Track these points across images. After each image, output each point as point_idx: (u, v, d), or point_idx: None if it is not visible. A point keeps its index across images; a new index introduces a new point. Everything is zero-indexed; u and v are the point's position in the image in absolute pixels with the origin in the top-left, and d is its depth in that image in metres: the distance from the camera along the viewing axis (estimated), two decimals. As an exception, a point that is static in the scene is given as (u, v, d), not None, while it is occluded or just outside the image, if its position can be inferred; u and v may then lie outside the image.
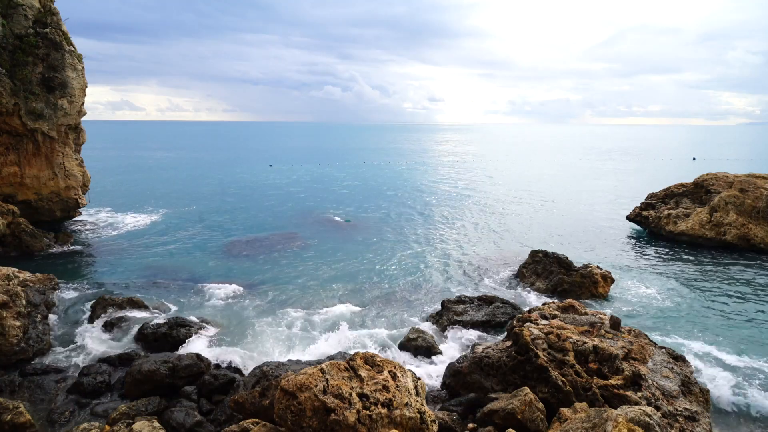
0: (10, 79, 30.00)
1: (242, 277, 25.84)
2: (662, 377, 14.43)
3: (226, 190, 56.54)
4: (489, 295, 21.74)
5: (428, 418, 11.13)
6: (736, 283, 25.74)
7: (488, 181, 69.15)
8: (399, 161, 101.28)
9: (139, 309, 20.44)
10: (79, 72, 33.47)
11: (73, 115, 33.68)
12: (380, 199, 51.60)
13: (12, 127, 31.22)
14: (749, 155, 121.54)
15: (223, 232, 35.97)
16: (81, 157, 37.80)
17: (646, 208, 40.09)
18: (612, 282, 23.42)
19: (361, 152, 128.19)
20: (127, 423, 12.57)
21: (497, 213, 44.69)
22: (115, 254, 29.90)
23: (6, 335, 16.86)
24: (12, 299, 17.97)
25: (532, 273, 24.90)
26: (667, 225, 35.33)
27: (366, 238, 34.57)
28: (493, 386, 14.71)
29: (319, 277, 26.16)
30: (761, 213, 30.86)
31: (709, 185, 36.90)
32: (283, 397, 10.71)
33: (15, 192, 32.43)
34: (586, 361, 14.30)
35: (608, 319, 16.69)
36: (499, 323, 19.62)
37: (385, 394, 10.89)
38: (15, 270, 19.90)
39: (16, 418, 12.91)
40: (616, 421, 9.94)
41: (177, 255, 29.88)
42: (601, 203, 50.22)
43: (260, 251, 30.97)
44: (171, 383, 14.99)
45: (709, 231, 32.35)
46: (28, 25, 31.16)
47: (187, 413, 13.34)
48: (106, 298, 20.43)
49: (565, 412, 12.22)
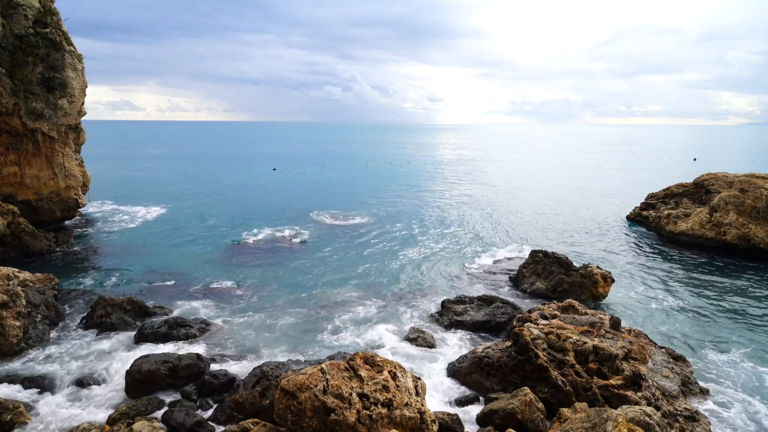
0: (10, 79, 30.00)
1: (242, 277, 25.84)
2: (662, 377, 14.44)
3: (226, 191, 56.54)
4: (489, 295, 21.74)
5: (428, 418, 11.13)
6: (736, 283, 25.74)
7: (488, 180, 69.14)
8: (399, 161, 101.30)
9: (139, 309, 20.42)
10: (79, 72, 33.47)
11: (73, 115, 33.69)
12: (380, 199, 51.59)
13: (12, 127, 31.22)
14: (749, 155, 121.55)
15: (224, 232, 35.97)
16: (81, 156, 37.82)
17: (646, 208, 40.11)
18: (612, 282, 23.42)
19: (361, 152, 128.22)
20: (127, 423, 12.57)
21: (497, 213, 44.69)
22: (115, 254, 29.90)
23: (6, 335, 16.86)
24: (12, 299, 17.98)
25: (532, 273, 24.90)
26: (667, 225, 35.34)
27: (366, 239, 34.57)
28: (493, 386, 14.72)
29: (319, 277, 26.16)
30: (761, 213, 30.86)
31: (709, 185, 36.92)
32: (283, 397, 10.71)
33: (15, 192, 32.43)
34: (586, 361, 14.30)
35: (608, 319, 16.70)
36: (499, 323, 19.61)
37: (385, 394, 10.89)
38: (15, 270, 19.90)
39: (16, 417, 12.91)
40: (616, 421, 9.94)
41: (177, 255, 29.89)
42: (601, 203, 50.22)
43: (260, 251, 30.98)
44: (171, 383, 14.99)
45: (709, 231, 32.35)
46: (28, 25, 31.16)
47: (187, 413, 13.34)
48: (106, 298, 20.41)
49: (565, 412, 12.22)
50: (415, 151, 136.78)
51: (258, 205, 47.70)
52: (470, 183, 66.65)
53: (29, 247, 28.53)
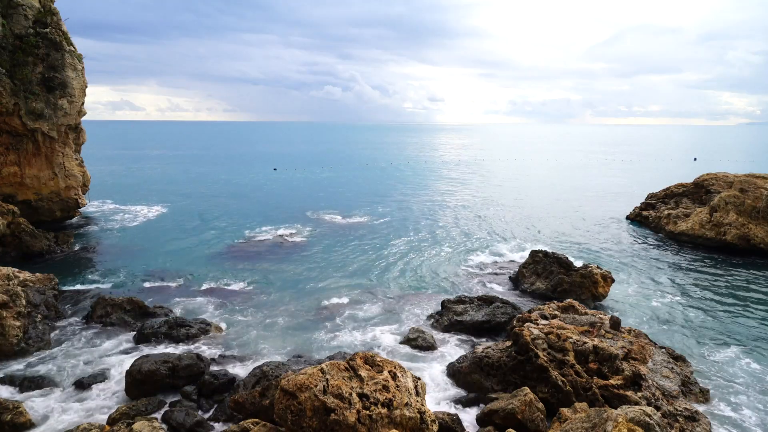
0: (10, 79, 30.01)
1: (242, 277, 25.84)
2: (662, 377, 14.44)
3: (226, 191, 56.55)
4: (489, 295, 21.73)
5: (428, 418, 11.13)
6: (736, 282, 25.74)
7: (488, 181, 69.16)
8: (400, 161, 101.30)
9: (139, 309, 20.42)
10: (79, 72, 33.48)
11: (73, 115, 33.69)
12: (380, 199, 51.60)
13: (12, 127, 31.23)
14: (749, 155, 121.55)
15: (224, 232, 35.97)
16: (81, 156, 37.83)
17: (646, 207, 40.12)
18: (612, 282, 23.42)
19: (362, 152, 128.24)
20: (127, 423, 12.56)
21: (497, 213, 44.69)
22: (115, 254, 29.90)
23: (6, 335, 16.87)
24: (12, 299, 17.98)
25: (532, 273, 24.90)
26: (667, 225, 35.34)
27: (366, 239, 34.57)
28: (493, 386, 14.72)
29: (319, 277, 26.16)
30: (761, 213, 30.86)
31: (709, 185, 36.92)
32: (283, 397, 10.71)
33: (15, 192, 32.44)
34: (586, 361, 14.30)
35: (608, 319, 16.70)
36: (499, 323, 19.60)
37: (385, 394, 10.89)
38: (15, 270, 19.90)
39: (16, 417, 12.92)
40: (616, 421, 9.94)
41: (177, 255, 29.88)
42: (601, 203, 50.21)
43: (260, 251, 30.98)
44: (171, 383, 14.99)
45: (709, 231, 32.35)
46: (28, 25, 31.17)
47: (187, 413, 13.34)
48: (106, 298, 20.42)
49: (565, 412, 12.22)
50: (415, 151, 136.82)
51: (258, 205, 47.70)
52: (470, 183, 66.66)
53: (29, 247, 28.53)
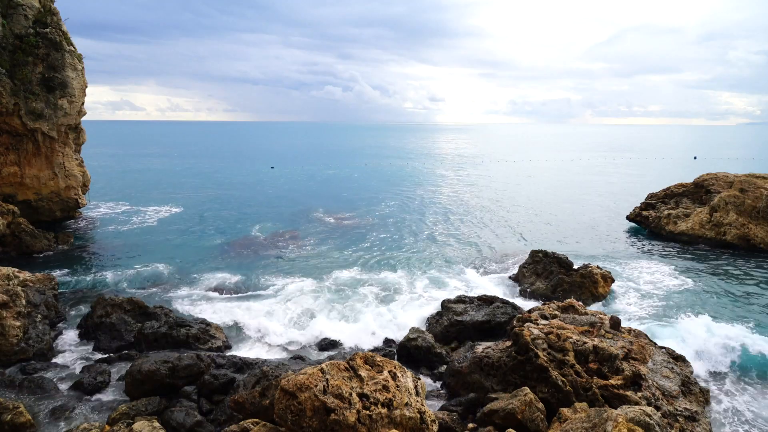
0: (10, 79, 30.01)
1: (241, 276, 25.83)
2: (662, 377, 14.43)
3: (227, 191, 56.55)
4: (489, 295, 21.72)
5: (428, 418, 11.13)
6: (736, 283, 25.73)
7: (488, 180, 69.13)
8: (400, 161, 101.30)
9: (139, 309, 20.41)
10: (79, 72, 33.47)
11: (73, 115, 33.69)
12: (380, 199, 51.59)
13: (12, 127, 31.22)
14: (749, 155, 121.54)
15: (223, 232, 35.97)
16: (81, 157, 37.82)
17: (646, 208, 40.09)
18: (612, 282, 23.40)
19: (362, 152, 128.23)
20: (127, 423, 12.57)
21: (497, 212, 44.68)
22: (115, 254, 29.90)
23: (6, 335, 16.86)
24: (12, 299, 17.97)
25: (532, 273, 24.89)
26: (667, 225, 35.32)
27: (366, 238, 34.57)
28: (493, 386, 14.71)
29: (319, 277, 26.15)
30: (761, 213, 30.85)
31: (709, 185, 36.89)
32: (283, 397, 10.71)
33: (15, 192, 32.43)
34: (586, 361, 14.29)
35: (608, 319, 16.69)
36: (499, 323, 19.60)
37: (385, 394, 10.89)
38: (15, 270, 19.89)
39: (16, 418, 12.91)
40: (616, 421, 9.94)
41: (177, 255, 29.88)
42: (601, 203, 50.21)
43: (260, 251, 30.99)
44: (171, 383, 14.98)
45: (709, 231, 32.34)
46: (28, 25, 31.17)
47: (187, 413, 13.34)
48: (106, 298, 20.41)
49: (565, 412, 12.22)
50: (415, 151, 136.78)
51: (258, 205, 47.70)
52: (470, 183, 66.64)
53: (29, 247, 28.53)
